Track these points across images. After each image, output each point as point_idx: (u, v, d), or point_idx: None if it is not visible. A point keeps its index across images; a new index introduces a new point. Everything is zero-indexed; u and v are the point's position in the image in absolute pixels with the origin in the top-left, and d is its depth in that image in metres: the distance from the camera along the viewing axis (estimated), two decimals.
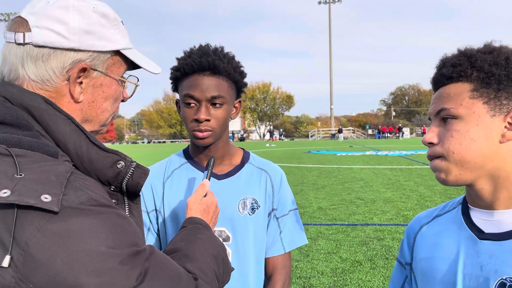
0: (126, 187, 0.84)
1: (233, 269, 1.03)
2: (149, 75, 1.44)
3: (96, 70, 0.85)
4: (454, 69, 0.93)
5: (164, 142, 63.76)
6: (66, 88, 0.82)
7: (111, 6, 0.90)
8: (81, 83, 0.83)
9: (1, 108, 0.75)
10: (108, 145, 0.87)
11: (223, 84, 1.32)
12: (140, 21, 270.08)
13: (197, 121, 1.29)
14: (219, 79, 1.31)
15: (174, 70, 1.36)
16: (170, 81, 1.40)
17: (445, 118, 0.93)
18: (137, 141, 73.36)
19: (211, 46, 1.37)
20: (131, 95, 0.97)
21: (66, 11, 0.81)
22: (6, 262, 0.62)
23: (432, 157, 0.95)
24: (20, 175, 0.66)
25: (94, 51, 0.83)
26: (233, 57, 1.37)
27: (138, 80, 0.96)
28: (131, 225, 0.74)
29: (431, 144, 0.95)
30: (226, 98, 1.32)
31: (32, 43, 0.79)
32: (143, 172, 0.85)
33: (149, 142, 66.05)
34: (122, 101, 0.95)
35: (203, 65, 1.29)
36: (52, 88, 0.81)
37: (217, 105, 1.30)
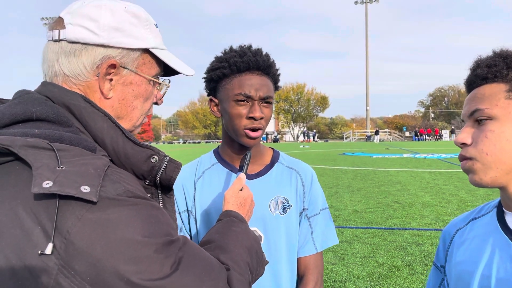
0: (160, 181, 0.86)
1: (268, 262, 1.05)
2: (186, 77, 1.45)
3: (125, 68, 0.87)
4: (489, 69, 0.92)
5: (199, 142, 64.66)
6: (96, 84, 0.85)
7: (147, 8, 0.93)
8: (111, 80, 0.86)
9: (44, 106, 0.79)
10: None
11: (271, 84, 1.36)
12: (175, 23, 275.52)
13: (253, 118, 1.30)
14: (268, 79, 1.35)
15: (223, 67, 1.32)
16: (214, 77, 1.34)
17: (479, 120, 0.92)
18: (173, 141, 74.81)
19: (252, 47, 1.37)
20: (162, 96, 0.99)
21: (99, 10, 0.85)
22: (49, 249, 0.64)
23: (463, 158, 0.94)
24: (61, 167, 0.69)
25: (123, 48, 0.86)
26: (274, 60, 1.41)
27: (169, 82, 0.98)
28: (164, 216, 0.76)
29: (463, 144, 0.93)
30: (273, 98, 1.36)
31: (66, 39, 0.84)
32: (175, 166, 0.87)
33: (184, 142, 67.17)
34: (156, 104, 0.97)
35: (259, 64, 1.32)
36: (84, 82, 0.85)
37: (267, 104, 1.33)
